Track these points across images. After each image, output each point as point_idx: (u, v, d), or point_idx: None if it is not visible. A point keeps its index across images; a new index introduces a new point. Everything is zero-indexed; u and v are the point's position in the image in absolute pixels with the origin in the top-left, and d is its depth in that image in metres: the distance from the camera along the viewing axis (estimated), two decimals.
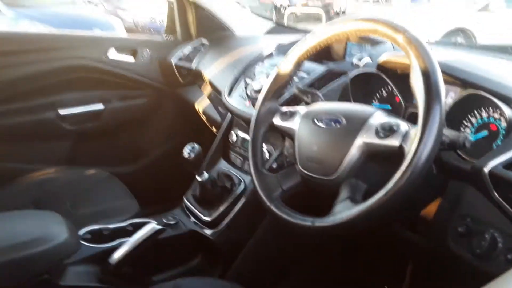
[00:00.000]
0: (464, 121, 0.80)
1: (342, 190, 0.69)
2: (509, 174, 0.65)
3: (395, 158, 0.63)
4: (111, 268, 0.95)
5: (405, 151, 0.62)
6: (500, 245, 0.68)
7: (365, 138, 0.69)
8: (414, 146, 0.59)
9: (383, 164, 0.67)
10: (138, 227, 1.03)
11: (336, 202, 0.69)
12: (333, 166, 0.71)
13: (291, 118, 0.82)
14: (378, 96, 0.97)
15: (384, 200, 0.61)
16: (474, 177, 0.69)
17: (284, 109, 0.86)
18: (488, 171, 0.66)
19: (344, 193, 0.69)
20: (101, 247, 0.99)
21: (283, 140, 1.02)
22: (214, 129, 1.52)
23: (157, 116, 1.81)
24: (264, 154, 1.10)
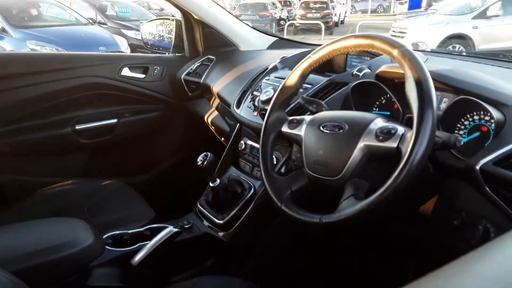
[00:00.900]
0: (458, 124, 0.85)
1: (346, 189, 0.74)
2: (498, 170, 0.70)
3: (393, 158, 0.68)
4: (132, 270, 0.99)
5: (402, 151, 0.67)
6: (493, 234, 0.74)
7: (366, 141, 0.74)
8: (410, 147, 0.65)
9: (383, 164, 0.73)
10: (155, 231, 1.07)
11: (342, 200, 0.74)
12: (338, 168, 0.76)
13: (298, 126, 0.87)
14: (378, 104, 1.02)
15: (384, 196, 0.66)
16: (467, 174, 0.75)
17: (291, 118, 0.91)
18: (479, 168, 0.72)
19: (348, 191, 0.74)
20: (123, 250, 1.04)
21: (289, 147, 1.07)
22: (223, 138, 1.56)
23: (168, 128, 1.85)
24: (273, 159, 1.15)
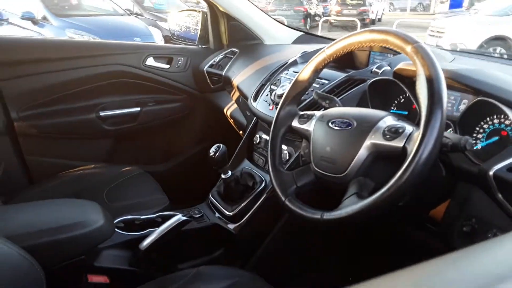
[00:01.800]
0: (477, 127, 0.82)
1: (350, 187, 0.73)
2: None
3: (400, 158, 0.66)
4: (140, 254, 1.02)
5: (407, 151, 0.65)
6: None
7: (373, 139, 0.72)
8: (415, 147, 0.63)
9: (389, 164, 0.71)
10: (166, 219, 1.09)
11: (344, 198, 0.73)
12: (344, 165, 0.75)
13: (308, 121, 0.87)
14: (396, 103, 0.99)
15: (386, 196, 0.64)
16: (480, 179, 0.72)
17: (302, 112, 0.91)
18: (492, 173, 0.69)
19: (352, 189, 0.73)
20: (132, 235, 1.07)
21: (301, 143, 1.07)
22: (241, 132, 1.57)
23: (188, 119, 1.88)
24: (282, 153, 1.14)
